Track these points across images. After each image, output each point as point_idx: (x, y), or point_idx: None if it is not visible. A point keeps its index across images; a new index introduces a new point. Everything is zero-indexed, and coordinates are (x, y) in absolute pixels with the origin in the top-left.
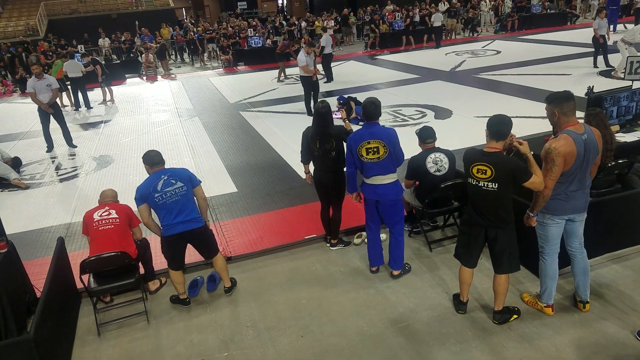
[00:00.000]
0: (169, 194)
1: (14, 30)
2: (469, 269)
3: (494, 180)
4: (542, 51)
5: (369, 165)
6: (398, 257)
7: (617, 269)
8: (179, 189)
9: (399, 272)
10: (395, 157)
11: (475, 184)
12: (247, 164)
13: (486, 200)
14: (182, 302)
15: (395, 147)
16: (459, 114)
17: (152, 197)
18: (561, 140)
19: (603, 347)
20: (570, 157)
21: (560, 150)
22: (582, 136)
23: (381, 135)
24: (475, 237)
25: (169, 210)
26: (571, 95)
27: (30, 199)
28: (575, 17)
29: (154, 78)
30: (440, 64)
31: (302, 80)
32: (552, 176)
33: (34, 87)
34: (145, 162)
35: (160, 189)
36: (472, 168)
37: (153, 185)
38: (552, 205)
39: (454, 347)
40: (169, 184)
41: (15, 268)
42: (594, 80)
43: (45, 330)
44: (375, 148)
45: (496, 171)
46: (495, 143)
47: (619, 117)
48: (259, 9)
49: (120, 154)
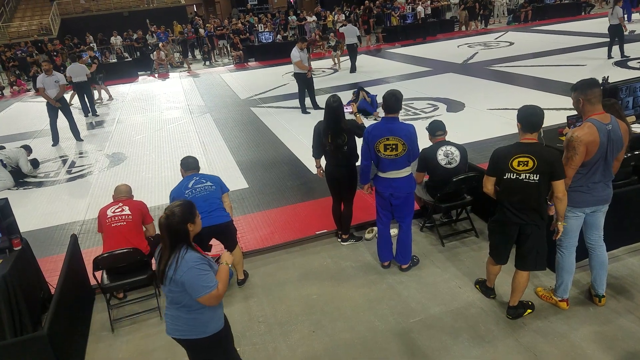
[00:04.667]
0: (198, 189)
1: (27, 29)
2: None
3: (536, 172)
4: (557, 42)
5: (385, 161)
6: (406, 250)
7: (633, 262)
8: (208, 187)
9: (407, 266)
10: (412, 154)
11: (514, 178)
12: (258, 160)
13: (525, 194)
14: None
15: (414, 144)
16: (471, 107)
17: (183, 194)
18: (585, 128)
19: (619, 341)
20: (593, 146)
21: (582, 138)
22: (607, 126)
23: (400, 132)
24: (510, 235)
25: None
26: (596, 82)
27: (44, 197)
28: (590, 7)
29: (166, 75)
30: (453, 56)
31: (296, 76)
32: (572, 164)
33: (43, 82)
34: (182, 166)
35: (191, 186)
36: (512, 161)
37: (185, 185)
38: (574, 198)
39: (467, 342)
40: (199, 183)
41: (30, 265)
42: (610, 70)
43: (59, 326)
44: (394, 145)
45: (538, 162)
46: (530, 135)
47: (635, 107)
48: (269, 4)
49: (134, 151)
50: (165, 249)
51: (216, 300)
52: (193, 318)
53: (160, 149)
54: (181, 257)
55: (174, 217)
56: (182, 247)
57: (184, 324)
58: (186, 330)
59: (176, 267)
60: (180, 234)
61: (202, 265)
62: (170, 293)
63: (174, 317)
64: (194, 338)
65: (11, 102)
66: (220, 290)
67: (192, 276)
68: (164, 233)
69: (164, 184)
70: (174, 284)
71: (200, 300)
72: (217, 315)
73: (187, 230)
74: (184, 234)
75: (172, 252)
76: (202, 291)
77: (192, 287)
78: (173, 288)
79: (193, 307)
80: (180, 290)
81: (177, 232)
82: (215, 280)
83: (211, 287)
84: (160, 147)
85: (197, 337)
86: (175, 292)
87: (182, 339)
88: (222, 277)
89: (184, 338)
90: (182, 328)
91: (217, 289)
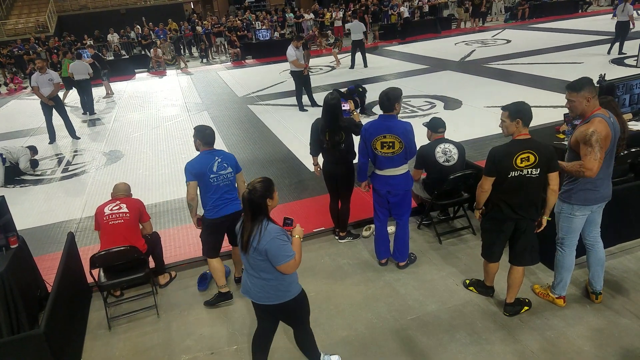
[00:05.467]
0: (222, 177)
1: (24, 27)
2: (497, 262)
3: (537, 166)
4: (553, 40)
5: (382, 159)
6: (403, 247)
7: (629, 259)
8: (230, 174)
9: (405, 263)
10: (409, 152)
11: (517, 176)
12: (256, 158)
13: (526, 189)
14: (225, 297)
15: (411, 142)
16: (469, 104)
17: (207, 177)
18: (598, 123)
19: (615, 338)
20: (607, 141)
21: (601, 132)
22: (610, 119)
23: (397, 130)
24: (505, 233)
25: (221, 193)
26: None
27: (41, 195)
28: (587, 5)
29: (163, 73)
30: (450, 54)
31: (292, 74)
32: (598, 158)
33: (37, 81)
34: (197, 137)
35: (216, 170)
36: (515, 159)
37: (209, 165)
38: (581, 196)
39: (464, 340)
40: (222, 167)
41: (27, 263)
42: (606, 68)
43: (56, 324)
44: (391, 143)
45: (539, 156)
46: (525, 130)
47: (632, 105)
48: (266, 1)
49: (131, 148)
50: (248, 221)
51: (293, 268)
52: (278, 284)
53: (157, 147)
54: (264, 228)
55: (256, 192)
56: (263, 220)
57: (271, 290)
58: (273, 297)
59: (259, 237)
60: (261, 207)
61: (282, 236)
62: (253, 261)
63: (259, 286)
64: (282, 302)
65: (7, 99)
66: (297, 259)
67: (274, 246)
68: (247, 206)
69: (161, 181)
70: (257, 252)
71: (280, 268)
72: (295, 280)
73: (266, 205)
74: (264, 207)
75: (254, 224)
76: (283, 260)
77: (273, 256)
78: (256, 256)
79: (274, 275)
80: (262, 259)
81: (258, 206)
82: (293, 250)
83: (290, 256)
84: (158, 145)
85: (284, 300)
86: (257, 260)
87: (271, 304)
88: (297, 248)
89: (272, 304)
90: (270, 294)
91: (294, 258)
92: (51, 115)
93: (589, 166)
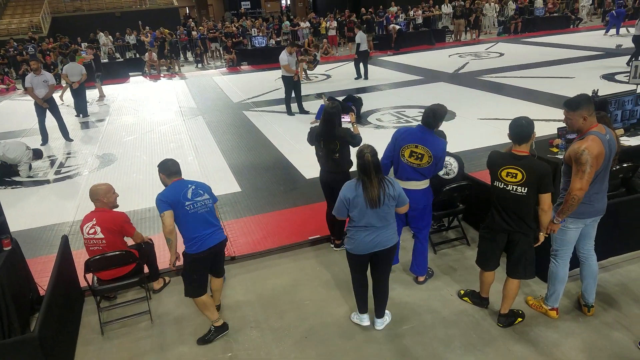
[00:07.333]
0: (200, 204)
1: (17, 27)
2: (492, 271)
3: (524, 185)
4: (546, 54)
5: (407, 167)
6: (423, 262)
7: (621, 272)
8: (207, 201)
9: (424, 278)
10: (435, 169)
11: (502, 188)
12: (251, 164)
13: (513, 204)
14: (222, 330)
15: (440, 161)
16: (462, 116)
17: (182, 204)
18: (590, 141)
19: (607, 351)
20: (600, 159)
21: (592, 151)
22: (606, 136)
23: (431, 145)
24: (498, 243)
25: (201, 221)
26: (589, 97)
27: (34, 196)
28: (579, 20)
29: (157, 77)
30: (444, 65)
31: (283, 79)
32: (587, 177)
33: (32, 82)
34: (161, 171)
35: (191, 197)
36: (501, 171)
37: (182, 192)
38: (576, 210)
39: (458, 350)
40: (198, 194)
41: (20, 266)
42: (598, 83)
43: (49, 328)
44: (421, 155)
45: (527, 175)
46: (519, 147)
47: (624, 120)
48: (262, 8)
49: (124, 152)
50: (372, 179)
51: (405, 209)
52: (395, 225)
53: (151, 151)
54: (388, 179)
55: (374, 155)
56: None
57: (392, 232)
58: (393, 237)
59: (392, 186)
60: (381, 166)
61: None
62: (383, 212)
63: (388, 233)
64: (393, 245)
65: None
66: None
67: (401, 191)
68: (370, 168)
69: (154, 185)
70: (392, 200)
71: (401, 209)
72: None
73: None
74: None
75: (381, 179)
76: (406, 201)
77: (403, 198)
78: (391, 203)
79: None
80: (393, 204)
81: (378, 165)
82: None
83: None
84: (151, 149)
85: (394, 243)
86: (390, 208)
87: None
88: None
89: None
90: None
91: None
92: (44, 117)
93: (577, 186)
